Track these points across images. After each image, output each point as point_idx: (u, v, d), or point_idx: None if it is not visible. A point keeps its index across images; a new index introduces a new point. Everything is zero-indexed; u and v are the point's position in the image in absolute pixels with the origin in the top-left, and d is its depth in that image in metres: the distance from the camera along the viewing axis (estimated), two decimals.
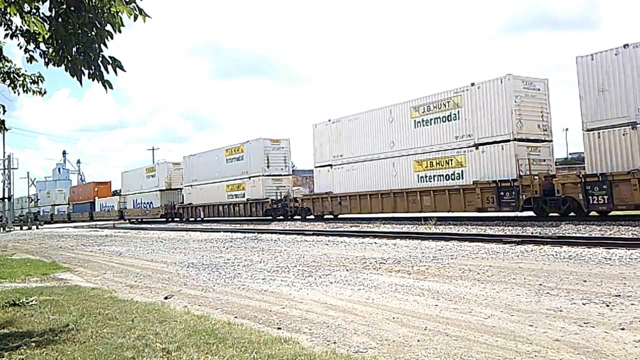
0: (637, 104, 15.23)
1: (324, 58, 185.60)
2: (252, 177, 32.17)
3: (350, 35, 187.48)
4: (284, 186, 32.03)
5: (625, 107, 15.36)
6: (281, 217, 30.33)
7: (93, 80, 4.22)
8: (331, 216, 26.93)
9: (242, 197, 33.25)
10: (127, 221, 47.96)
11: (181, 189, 40.32)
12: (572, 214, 17.03)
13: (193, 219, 39.32)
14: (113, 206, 53.30)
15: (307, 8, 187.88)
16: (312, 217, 27.75)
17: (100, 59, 4.18)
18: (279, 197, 30.77)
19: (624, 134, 15.35)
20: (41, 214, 72.81)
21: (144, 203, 45.18)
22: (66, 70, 4.23)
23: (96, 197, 58.17)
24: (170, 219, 41.28)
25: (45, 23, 4.23)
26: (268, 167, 31.51)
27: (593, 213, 16.31)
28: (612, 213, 16.62)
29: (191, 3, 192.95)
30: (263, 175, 31.40)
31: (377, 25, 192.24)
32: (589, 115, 16.14)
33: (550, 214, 17.31)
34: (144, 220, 45.39)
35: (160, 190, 42.17)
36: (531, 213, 18.18)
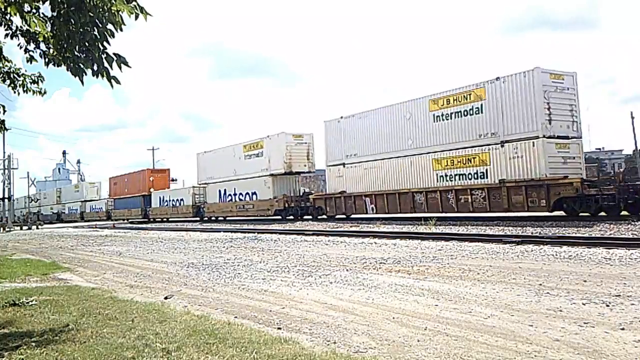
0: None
1: (324, 58, 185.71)
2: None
3: (350, 36, 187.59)
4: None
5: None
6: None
7: (98, 77, 4.23)
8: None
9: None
10: (209, 219, 38.06)
11: (301, 172, 31.27)
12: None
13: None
14: (181, 200, 41.32)
15: (307, 8, 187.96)
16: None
17: (105, 56, 4.18)
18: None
19: None
20: (66, 212, 64.32)
21: (242, 194, 33.75)
22: (67, 70, 4.23)
23: (152, 189, 46.59)
24: (297, 217, 29.27)
25: (46, 23, 4.23)
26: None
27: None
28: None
29: (191, 3, 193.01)
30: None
31: (377, 25, 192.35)
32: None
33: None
34: (244, 218, 34.08)
35: (271, 176, 30.61)
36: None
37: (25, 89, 6.62)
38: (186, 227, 30.53)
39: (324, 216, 26.96)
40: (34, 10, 4.42)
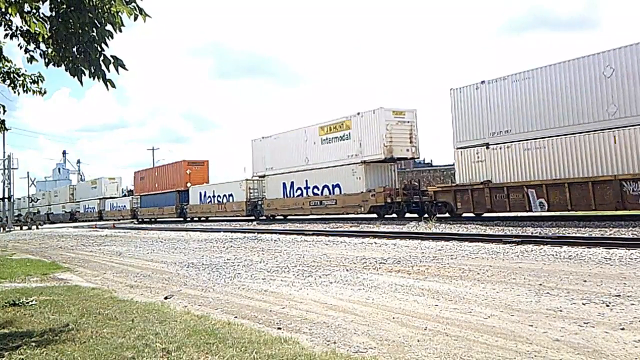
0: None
1: (324, 58, 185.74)
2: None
3: (350, 35, 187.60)
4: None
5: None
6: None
7: (94, 79, 4.22)
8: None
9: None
10: (268, 218, 31.65)
11: (402, 159, 25.17)
12: None
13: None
14: (230, 196, 34.79)
15: (306, 8, 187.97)
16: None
17: (102, 58, 4.18)
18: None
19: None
20: (81, 211, 58.86)
21: (317, 187, 27.25)
22: (66, 70, 4.24)
23: (188, 183, 40.51)
24: (402, 215, 23.37)
25: (45, 23, 4.23)
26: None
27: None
28: (612, 213, 16.61)
29: (192, 3, 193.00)
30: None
31: (377, 25, 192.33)
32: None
33: None
34: (323, 217, 27.66)
35: (363, 163, 24.29)
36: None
37: (25, 89, 6.63)
38: (185, 228, 30.31)
39: (447, 214, 20.48)
40: (34, 11, 4.42)
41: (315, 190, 27.51)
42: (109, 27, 4.12)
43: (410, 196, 23.08)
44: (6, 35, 5.12)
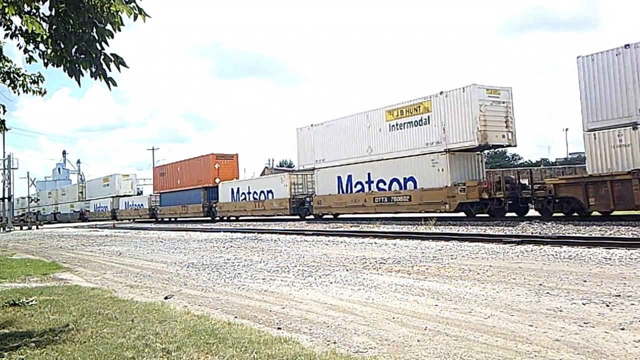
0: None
1: (324, 58, 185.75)
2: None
3: (350, 35, 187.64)
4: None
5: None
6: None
7: (96, 78, 4.22)
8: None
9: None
10: (317, 217, 27.77)
11: (498, 146, 21.67)
12: None
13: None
14: (269, 192, 31.13)
15: (307, 8, 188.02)
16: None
17: (102, 57, 4.18)
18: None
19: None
20: (92, 210, 55.70)
21: (383, 181, 23.27)
22: (64, 71, 4.23)
23: (217, 179, 36.64)
24: (503, 213, 19.22)
25: (44, 23, 4.23)
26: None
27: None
28: (613, 213, 16.58)
29: (191, 3, 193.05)
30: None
31: (377, 25, 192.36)
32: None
33: None
34: (393, 216, 23.61)
35: (447, 152, 20.44)
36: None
37: (25, 89, 6.63)
38: (186, 228, 30.15)
39: (571, 212, 17.05)
40: (33, 11, 4.42)
41: (381, 185, 23.27)
42: (108, 26, 4.12)
43: (519, 191, 18.65)
44: (6, 35, 5.12)
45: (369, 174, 24.05)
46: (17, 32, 5.07)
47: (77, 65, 4.18)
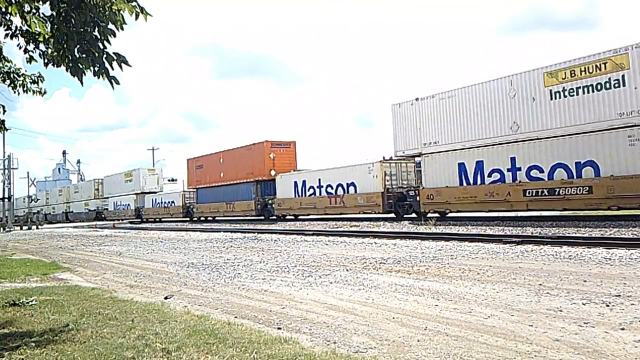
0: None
1: (324, 58, 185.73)
2: None
3: (351, 35, 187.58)
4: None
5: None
6: None
7: (98, 77, 4.22)
8: None
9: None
10: (419, 217, 21.07)
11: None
12: None
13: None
14: (351, 185, 25.15)
15: (307, 8, 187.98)
16: None
17: (105, 55, 4.19)
18: None
19: None
20: (110, 208, 50.48)
21: (539, 168, 17.50)
22: (67, 70, 4.23)
23: (272, 170, 30.97)
24: None
25: (46, 23, 4.23)
26: None
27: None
28: (612, 213, 16.55)
29: (191, 3, 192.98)
30: None
31: (377, 25, 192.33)
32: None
33: None
34: (566, 213, 19.06)
35: None
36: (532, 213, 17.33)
37: (25, 89, 6.63)
38: (186, 227, 29.96)
39: None
40: (34, 10, 4.42)
41: (535, 173, 17.63)
42: (110, 25, 4.12)
43: None
44: (6, 35, 5.12)
45: (512, 159, 18.36)
46: (17, 32, 5.08)
47: (79, 65, 4.18)
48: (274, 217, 31.25)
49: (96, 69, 4.20)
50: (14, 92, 6.67)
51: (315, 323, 5.51)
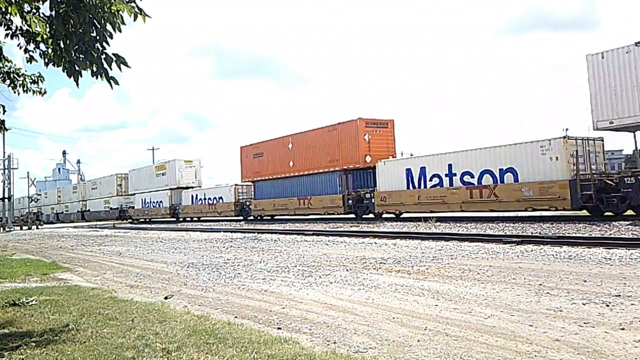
0: None
1: (324, 58, 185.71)
2: None
3: (351, 35, 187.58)
4: None
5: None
6: None
7: (97, 78, 4.22)
8: None
9: None
10: None
11: None
12: None
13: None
14: (507, 172, 18.52)
15: (307, 9, 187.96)
16: None
17: (104, 56, 4.18)
18: None
19: None
20: (137, 206, 44.30)
21: None
22: (63, 71, 4.23)
23: (367, 156, 24.42)
24: None
25: (45, 23, 4.23)
26: None
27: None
28: (612, 213, 16.57)
29: (192, 3, 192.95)
30: None
31: (377, 25, 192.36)
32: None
33: None
34: None
35: None
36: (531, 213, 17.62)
37: (25, 89, 6.62)
38: (186, 227, 29.80)
39: None
40: (34, 10, 4.42)
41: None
42: (108, 26, 4.11)
43: None
44: (6, 35, 5.12)
45: None
46: (17, 32, 5.07)
47: (75, 66, 4.17)
48: (372, 215, 24.42)
49: (94, 69, 4.19)
50: (14, 92, 6.67)
51: (315, 323, 5.51)
